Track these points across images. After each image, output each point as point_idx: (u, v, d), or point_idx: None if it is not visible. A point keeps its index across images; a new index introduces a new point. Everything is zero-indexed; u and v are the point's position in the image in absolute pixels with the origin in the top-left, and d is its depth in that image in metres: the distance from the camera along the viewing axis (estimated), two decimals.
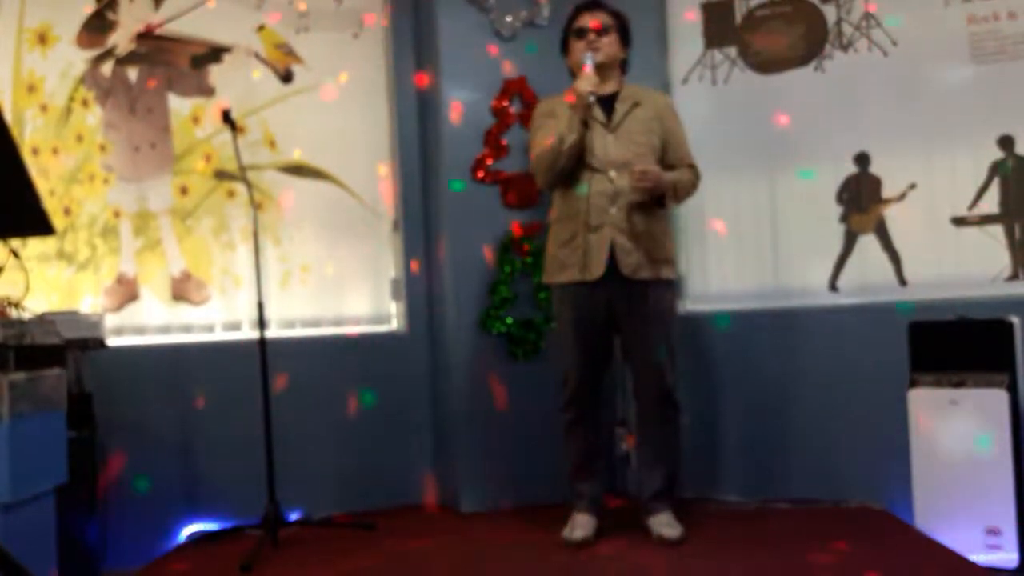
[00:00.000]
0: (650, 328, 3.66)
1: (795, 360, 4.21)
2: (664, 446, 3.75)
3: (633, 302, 3.64)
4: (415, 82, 4.63)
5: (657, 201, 3.67)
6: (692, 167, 3.82)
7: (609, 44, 3.75)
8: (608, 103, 3.72)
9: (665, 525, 3.63)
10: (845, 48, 4.24)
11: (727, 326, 4.31)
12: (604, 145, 3.66)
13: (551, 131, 3.66)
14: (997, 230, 3.96)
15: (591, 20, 3.76)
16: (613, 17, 3.80)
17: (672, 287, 3.79)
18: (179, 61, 4.30)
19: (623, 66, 3.86)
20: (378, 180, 4.63)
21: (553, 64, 4.31)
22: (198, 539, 4.01)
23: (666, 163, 3.80)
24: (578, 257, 3.64)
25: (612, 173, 3.63)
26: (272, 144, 4.43)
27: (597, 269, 3.60)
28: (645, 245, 3.63)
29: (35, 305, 3.67)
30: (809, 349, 4.19)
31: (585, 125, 3.61)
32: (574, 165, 3.64)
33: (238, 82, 4.38)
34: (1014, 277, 3.92)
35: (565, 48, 3.87)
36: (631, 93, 3.78)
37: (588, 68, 3.62)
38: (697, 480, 4.29)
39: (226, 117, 3.89)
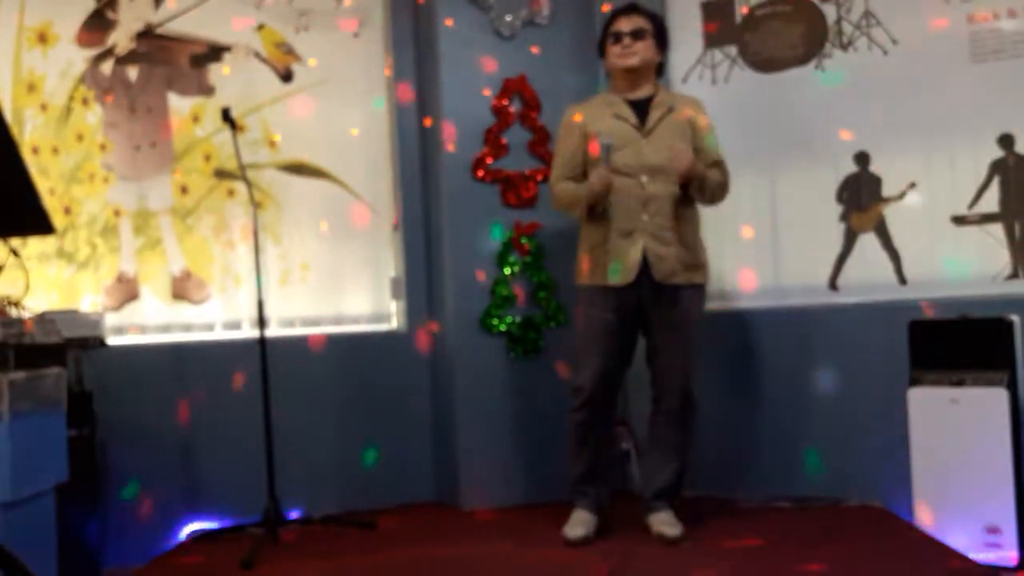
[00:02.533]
0: (680, 332, 3.68)
1: (795, 359, 4.22)
2: (677, 446, 3.77)
3: (664, 306, 3.65)
4: (414, 82, 4.64)
5: (683, 189, 3.66)
6: (719, 164, 3.79)
7: (644, 48, 3.73)
8: (642, 107, 3.72)
9: (665, 523, 3.64)
10: (845, 47, 4.25)
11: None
12: (638, 149, 3.65)
13: (576, 162, 3.73)
14: (996, 229, 3.98)
15: (627, 24, 3.75)
16: (649, 21, 3.78)
17: (703, 291, 3.79)
18: (179, 60, 4.31)
19: (659, 69, 3.87)
20: (378, 179, 4.65)
21: (553, 64, 4.33)
22: (198, 537, 4.02)
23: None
24: (608, 261, 3.64)
25: (644, 178, 3.62)
26: (272, 143, 4.44)
27: (629, 274, 3.60)
28: (678, 251, 3.63)
29: (35, 304, 3.68)
30: (809, 348, 4.20)
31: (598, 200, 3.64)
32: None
33: (238, 81, 4.39)
34: (1014, 276, 3.93)
35: (603, 51, 3.86)
36: (665, 98, 3.78)
37: (605, 159, 3.59)
38: (699, 479, 4.29)
39: (226, 116, 3.90)
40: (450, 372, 4.43)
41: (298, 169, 4.50)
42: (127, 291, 4.18)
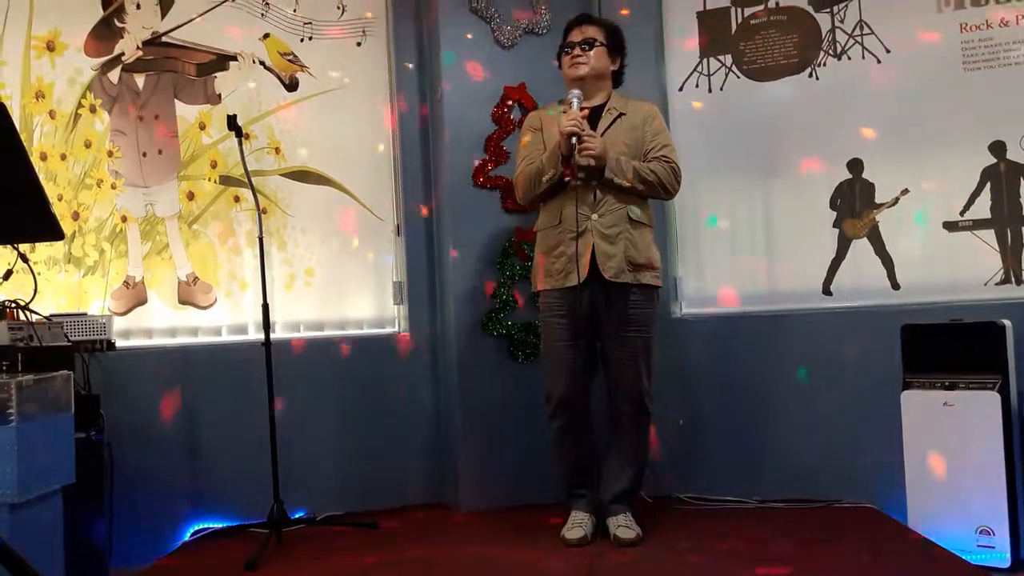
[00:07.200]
0: (628, 332, 3.68)
1: (790, 363, 4.26)
2: (634, 450, 3.78)
3: (612, 306, 3.67)
4: (416, 90, 4.69)
5: (600, 174, 3.61)
6: (667, 160, 3.73)
7: (596, 57, 3.77)
8: (595, 114, 3.75)
9: (623, 526, 3.68)
10: (839, 55, 4.29)
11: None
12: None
13: (535, 153, 3.72)
14: (989, 234, 4.02)
15: (577, 35, 3.80)
16: (602, 30, 3.82)
17: (654, 293, 3.77)
18: (185, 68, 4.36)
19: (616, 78, 3.89)
20: (381, 185, 4.69)
21: (553, 72, 4.36)
22: (203, 537, 4.06)
23: (646, 159, 3.76)
24: (562, 264, 3.67)
25: (594, 182, 3.64)
26: (277, 150, 4.50)
27: (581, 274, 3.62)
28: (626, 250, 3.65)
29: (44, 308, 3.74)
30: (803, 352, 4.23)
31: (566, 162, 3.58)
32: (552, 191, 3.69)
33: (244, 90, 4.45)
34: (1006, 281, 3.97)
35: (561, 62, 3.90)
36: (618, 104, 3.81)
37: (574, 107, 3.60)
38: (695, 480, 4.34)
39: (232, 124, 3.92)
40: (451, 375, 4.47)
41: (303, 176, 4.55)
42: (134, 295, 4.23)
